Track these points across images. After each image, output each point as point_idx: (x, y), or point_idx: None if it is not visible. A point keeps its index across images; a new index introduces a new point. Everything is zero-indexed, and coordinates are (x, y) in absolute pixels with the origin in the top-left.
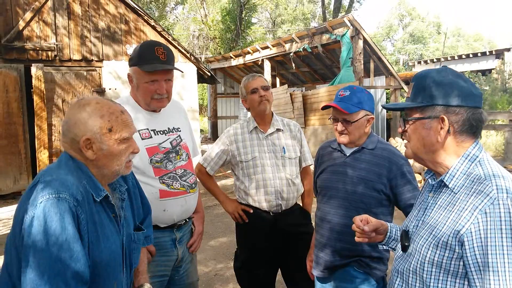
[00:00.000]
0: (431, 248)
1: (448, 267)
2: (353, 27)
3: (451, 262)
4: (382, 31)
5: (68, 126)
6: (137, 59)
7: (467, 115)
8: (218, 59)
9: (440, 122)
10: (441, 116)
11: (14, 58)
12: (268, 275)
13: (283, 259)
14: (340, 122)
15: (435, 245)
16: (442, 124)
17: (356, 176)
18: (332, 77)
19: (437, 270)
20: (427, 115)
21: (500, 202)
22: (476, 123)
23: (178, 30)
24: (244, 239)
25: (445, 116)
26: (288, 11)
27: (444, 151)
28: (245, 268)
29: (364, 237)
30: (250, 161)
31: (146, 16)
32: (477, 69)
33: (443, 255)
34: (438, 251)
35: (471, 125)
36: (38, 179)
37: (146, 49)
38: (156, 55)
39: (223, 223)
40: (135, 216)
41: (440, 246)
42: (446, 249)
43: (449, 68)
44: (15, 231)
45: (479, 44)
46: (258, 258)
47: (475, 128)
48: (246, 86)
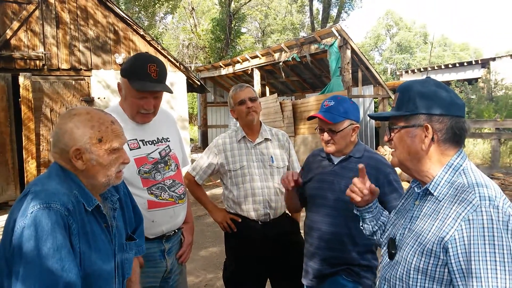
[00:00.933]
0: (417, 255)
1: (433, 274)
2: (341, 37)
3: (436, 269)
4: (370, 41)
5: (58, 137)
6: (128, 72)
7: (450, 124)
8: (208, 68)
9: (424, 130)
10: (425, 124)
11: (2, 67)
12: (258, 285)
13: (272, 268)
14: (326, 132)
15: (421, 252)
16: (426, 132)
17: (343, 184)
18: (321, 86)
19: (422, 277)
20: (411, 123)
21: (482, 209)
22: (459, 132)
23: (167, 40)
24: (233, 249)
25: (429, 125)
26: (277, 21)
27: (428, 159)
28: (234, 278)
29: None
30: (238, 170)
31: (135, 26)
32: (463, 78)
33: (428, 262)
34: (424, 258)
35: (454, 133)
36: (28, 189)
37: (139, 64)
38: (148, 73)
39: (213, 233)
40: (127, 225)
41: (425, 254)
42: (431, 256)
43: (432, 79)
44: (5, 242)
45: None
46: (247, 268)
47: (458, 136)
48: (233, 97)
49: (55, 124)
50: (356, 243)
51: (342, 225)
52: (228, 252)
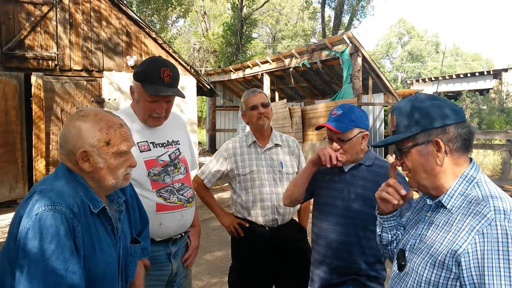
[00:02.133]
0: (428, 268)
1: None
2: (352, 44)
3: (447, 282)
4: (381, 49)
5: (65, 138)
6: (142, 76)
7: (457, 131)
8: (218, 72)
9: (435, 145)
10: (434, 139)
11: (15, 67)
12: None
13: (278, 274)
14: (335, 141)
15: (432, 264)
16: (437, 147)
17: (353, 192)
18: (331, 92)
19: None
20: (419, 141)
21: (497, 223)
22: (468, 136)
23: (179, 43)
24: (239, 253)
25: (438, 138)
26: (288, 27)
27: (443, 173)
28: (239, 282)
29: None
30: (247, 174)
31: (148, 28)
32: (474, 88)
33: (440, 275)
34: (435, 270)
35: (464, 139)
36: (34, 190)
37: (152, 68)
38: (162, 77)
39: (218, 237)
40: (132, 228)
41: (437, 266)
42: (443, 269)
43: (422, 94)
44: (9, 242)
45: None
46: (252, 273)
47: (468, 141)
48: (246, 102)
49: (64, 125)
50: (365, 252)
51: (351, 234)
52: (234, 256)
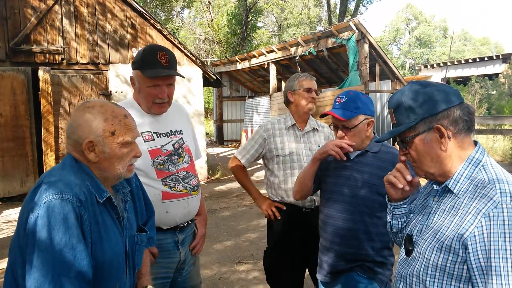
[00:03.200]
0: (435, 252)
1: (452, 271)
2: (359, 31)
3: (455, 266)
4: (388, 35)
5: (72, 129)
6: (139, 63)
7: (456, 114)
8: (224, 62)
9: (437, 131)
10: (435, 126)
11: (22, 61)
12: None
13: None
14: (340, 128)
15: (439, 248)
16: (439, 133)
17: (360, 179)
18: (337, 80)
19: (440, 274)
20: (421, 130)
21: (503, 206)
22: (468, 117)
23: (184, 34)
24: (275, 236)
25: (439, 124)
26: (294, 15)
27: (449, 157)
28: (275, 265)
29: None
30: (287, 156)
31: (153, 20)
32: (483, 73)
33: (446, 259)
34: (442, 254)
35: (464, 120)
36: (41, 180)
37: (148, 53)
38: (159, 60)
39: (227, 227)
40: (138, 217)
41: (444, 250)
42: (450, 253)
43: (415, 82)
44: (19, 231)
45: (486, 48)
46: (288, 257)
47: (469, 122)
48: (301, 82)
49: (70, 117)
50: (373, 239)
51: (358, 221)
52: (270, 239)
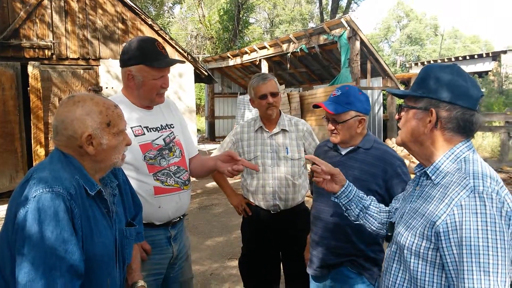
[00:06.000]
0: (410, 238)
1: (425, 257)
2: (350, 28)
3: (428, 252)
4: (379, 32)
5: (64, 125)
6: (142, 57)
7: (456, 114)
8: (216, 59)
9: (429, 115)
10: (431, 109)
11: (11, 56)
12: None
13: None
14: (330, 121)
15: (413, 235)
16: (430, 117)
17: (350, 175)
18: (329, 77)
19: (415, 259)
20: (419, 105)
21: (476, 195)
22: (464, 124)
23: (175, 30)
24: (246, 235)
25: (434, 110)
26: (286, 11)
27: (431, 144)
28: (245, 262)
29: (319, 177)
30: (252, 159)
31: (144, 15)
32: (473, 71)
33: (420, 245)
34: (416, 240)
35: (458, 124)
36: (30, 174)
37: (148, 45)
38: (160, 50)
39: (219, 223)
40: (126, 212)
41: (418, 236)
42: (423, 239)
43: (456, 66)
44: (7, 227)
45: (476, 46)
46: (257, 254)
47: (463, 128)
48: (255, 89)
49: (57, 113)
50: (361, 234)
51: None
52: (243, 237)
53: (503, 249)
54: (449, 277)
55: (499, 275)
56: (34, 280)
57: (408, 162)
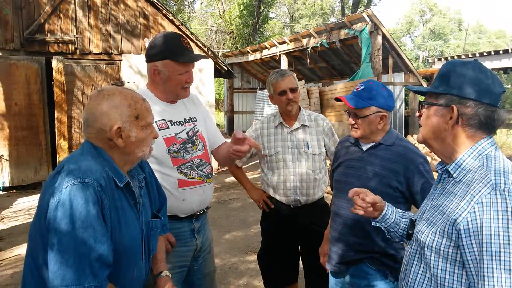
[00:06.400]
0: (430, 236)
1: (446, 255)
2: (372, 23)
3: (448, 250)
4: (402, 27)
5: (95, 117)
6: (167, 52)
7: (477, 110)
8: (235, 54)
9: (450, 112)
10: (452, 105)
11: (36, 51)
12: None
13: (303, 251)
14: (351, 116)
15: (434, 232)
16: (451, 114)
17: (371, 171)
18: (349, 73)
19: (436, 257)
20: (440, 102)
21: (497, 193)
22: (486, 120)
23: (196, 25)
24: (266, 229)
25: (456, 107)
26: (306, 5)
27: (453, 141)
28: (264, 256)
29: (360, 209)
30: (273, 155)
31: (165, 10)
32: (498, 67)
33: (441, 243)
34: (437, 238)
35: (480, 121)
36: (62, 165)
37: (174, 41)
38: (185, 46)
39: (237, 218)
40: (152, 204)
41: (438, 234)
42: (444, 237)
43: (477, 62)
44: (39, 216)
45: (502, 42)
46: (277, 248)
47: (485, 125)
48: (274, 85)
49: (87, 106)
50: (381, 232)
51: None
52: (262, 231)
53: None
54: (469, 275)
55: None
56: (64, 268)
57: (431, 159)
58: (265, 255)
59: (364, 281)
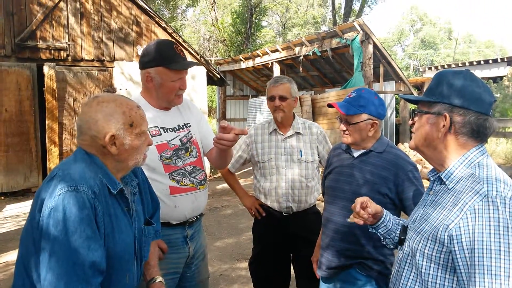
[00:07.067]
0: (422, 241)
1: (437, 260)
2: (363, 32)
3: (440, 255)
4: (392, 36)
5: (89, 125)
6: (160, 59)
7: (469, 118)
8: (228, 61)
9: (443, 120)
10: (444, 113)
11: (27, 57)
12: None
13: (294, 258)
14: (343, 122)
15: (426, 238)
16: (444, 122)
17: (361, 178)
18: (341, 81)
19: (427, 262)
20: (432, 110)
21: (489, 200)
22: (478, 128)
23: (188, 33)
24: (257, 236)
25: (448, 115)
26: (298, 14)
27: (445, 149)
28: (255, 263)
29: (360, 220)
30: (266, 162)
31: (158, 18)
32: (488, 76)
33: (432, 248)
34: (429, 244)
35: (472, 129)
36: (55, 172)
37: (167, 48)
38: (178, 53)
39: (229, 225)
40: (145, 210)
41: (430, 240)
42: (436, 243)
43: (468, 72)
44: (32, 223)
45: (491, 51)
46: (267, 255)
47: (477, 133)
48: (267, 89)
49: (81, 113)
50: (371, 237)
51: None
52: (254, 238)
53: None
54: (460, 280)
55: (510, 278)
56: (57, 276)
57: (421, 167)
58: (256, 262)
59: (353, 287)
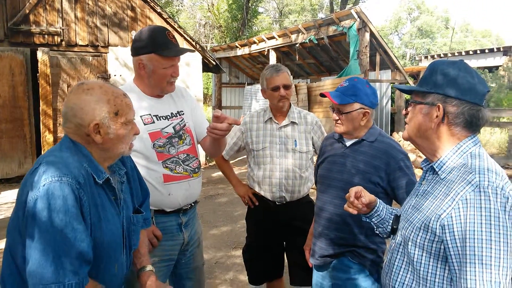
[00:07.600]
0: (414, 231)
1: (429, 249)
2: (360, 20)
3: (432, 245)
4: (389, 24)
5: (73, 112)
6: (152, 46)
7: (463, 109)
8: (224, 48)
9: (436, 110)
10: (438, 104)
11: (21, 42)
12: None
13: (287, 248)
14: (335, 111)
15: (418, 227)
16: (437, 112)
17: (353, 167)
18: (337, 69)
19: (419, 251)
20: (426, 101)
21: (481, 190)
22: (471, 119)
23: (184, 18)
24: (251, 224)
25: (442, 105)
26: (295, 1)
27: (438, 139)
28: (249, 250)
29: (354, 209)
30: (260, 150)
31: (153, 3)
32: (484, 65)
33: (424, 237)
34: (420, 233)
35: (465, 119)
36: (40, 161)
37: (159, 34)
38: (170, 39)
39: (224, 213)
40: (134, 199)
41: (422, 229)
42: (428, 232)
43: (462, 62)
44: (18, 213)
45: (487, 41)
46: (261, 244)
47: (470, 123)
48: (268, 80)
49: (67, 99)
50: (363, 226)
51: None
52: (247, 227)
53: (505, 243)
54: (452, 269)
55: (501, 268)
56: (44, 266)
57: (415, 156)
58: (250, 251)
59: (345, 274)
